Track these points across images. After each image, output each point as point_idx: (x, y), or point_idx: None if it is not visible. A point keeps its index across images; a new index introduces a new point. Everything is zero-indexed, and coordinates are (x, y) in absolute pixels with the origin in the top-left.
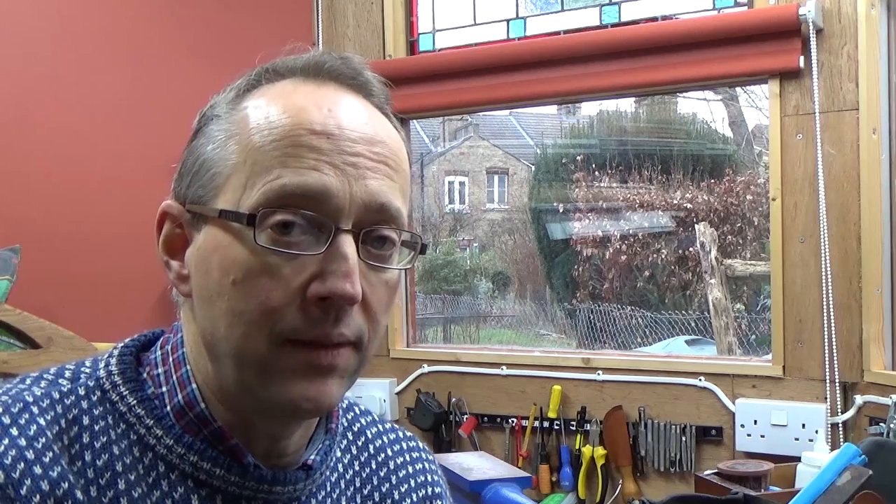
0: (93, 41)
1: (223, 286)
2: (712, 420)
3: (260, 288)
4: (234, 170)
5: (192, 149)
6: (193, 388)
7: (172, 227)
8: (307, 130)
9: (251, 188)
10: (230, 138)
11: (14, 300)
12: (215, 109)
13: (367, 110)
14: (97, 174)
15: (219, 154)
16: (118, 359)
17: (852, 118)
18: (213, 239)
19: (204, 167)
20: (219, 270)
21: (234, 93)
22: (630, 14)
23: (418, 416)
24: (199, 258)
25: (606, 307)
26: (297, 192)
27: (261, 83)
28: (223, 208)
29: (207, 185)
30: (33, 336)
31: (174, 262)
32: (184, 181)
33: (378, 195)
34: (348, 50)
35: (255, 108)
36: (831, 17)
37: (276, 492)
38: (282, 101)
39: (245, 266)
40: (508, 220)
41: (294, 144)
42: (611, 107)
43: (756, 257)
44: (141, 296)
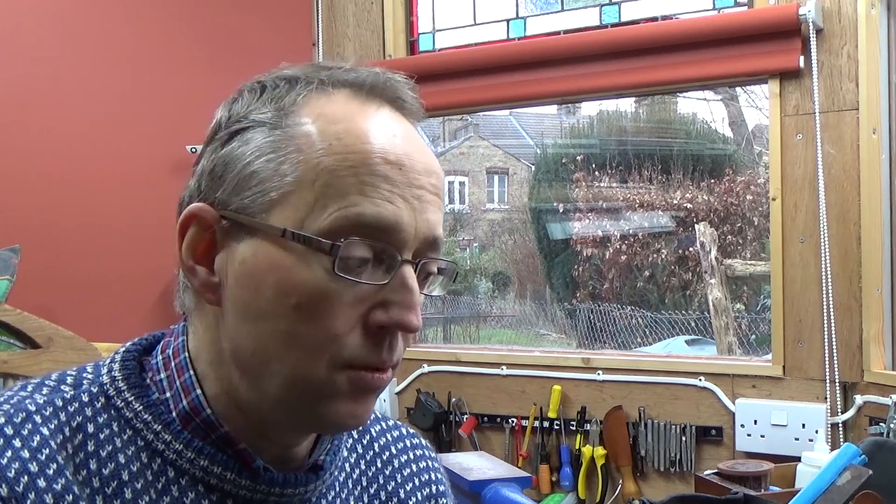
0: (93, 41)
1: (282, 307)
2: (712, 420)
3: (325, 314)
4: (295, 187)
5: (228, 152)
6: (198, 393)
7: (200, 232)
8: (382, 159)
9: (321, 210)
10: (289, 153)
11: (14, 300)
12: (256, 115)
13: (420, 137)
14: (97, 174)
15: (273, 167)
16: (121, 364)
17: (852, 118)
18: (269, 257)
19: (250, 177)
20: (276, 291)
21: (277, 99)
22: (630, 14)
23: (418, 416)
24: (245, 273)
25: (606, 307)
26: (373, 223)
27: (308, 93)
28: (286, 227)
29: (257, 197)
30: (33, 336)
31: (200, 268)
32: (215, 185)
33: (435, 228)
34: (348, 50)
35: (320, 127)
36: (831, 17)
37: (288, 494)
38: (351, 124)
39: (313, 291)
40: (508, 220)
41: (370, 173)
42: (611, 107)
43: (756, 257)
44: (141, 296)
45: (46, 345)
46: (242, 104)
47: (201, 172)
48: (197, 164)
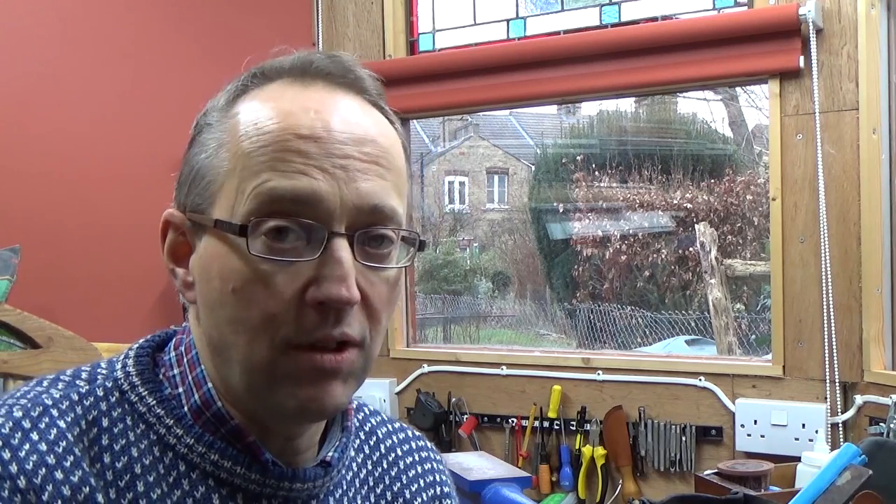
0: (93, 41)
1: (224, 294)
2: (712, 420)
3: (258, 295)
4: (226, 177)
5: (188, 157)
6: (209, 387)
7: (176, 236)
8: (294, 135)
9: (242, 194)
10: (222, 146)
11: (14, 300)
12: (207, 117)
13: (358, 108)
14: (97, 174)
15: (212, 162)
16: (135, 360)
17: (852, 118)
18: (212, 248)
19: (199, 175)
20: (219, 279)
21: (224, 99)
22: (630, 14)
23: (418, 416)
24: (201, 267)
25: (606, 307)
26: (287, 196)
27: (249, 87)
28: (218, 217)
29: (203, 193)
30: (33, 336)
31: (179, 269)
32: (182, 189)
33: (370, 196)
34: (348, 50)
35: (244, 115)
36: (831, 17)
37: (296, 489)
38: (269, 106)
39: (242, 275)
40: (508, 220)
41: (282, 150)
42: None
43: (756, 257)
44: (141, 296)
45: (46, 345)
46: (205, 108)
47: (177, 179)
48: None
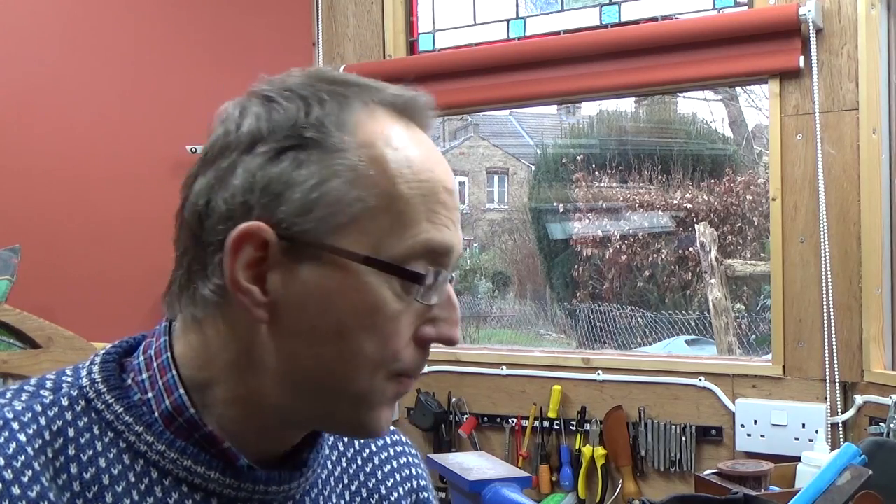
0: (93, 41)
1: (349, 329)
2: (712, 420)
3: (390, 333)
4: (369, 212)
5: (282, 172)
6: (181, 393)
7: (255, 252)
8: (443, 188)
9: (396, 237)
10: (362, 177)
11: (14, 300)
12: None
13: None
14: (97, 174)
15: (342, 192)
16: (101, 366)
17: (852, 118)
18: (338, 280)
19: (318, 201)
20: (345, 314)
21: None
22: (630, 14)
23: (418, 416)
24: (311, 295)
25: (606, 307)
26: (439, 248)
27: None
28: (366, 253)
29: (324, 219)
30: (33, 336)
31: (253, 287)
32: (275, 205)
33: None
34: (348, 50)
35: (387, 153)
36: (831, 17)
37: (272, 492)
38: (412, 151)
39: (384, 314)
40: (508, 220)
41: (436, 201)
42: (611, 107)
43: (756, 257)
44: (141, 296)
45: (46, 345)
46: (283, 116)
47: (247, 187)
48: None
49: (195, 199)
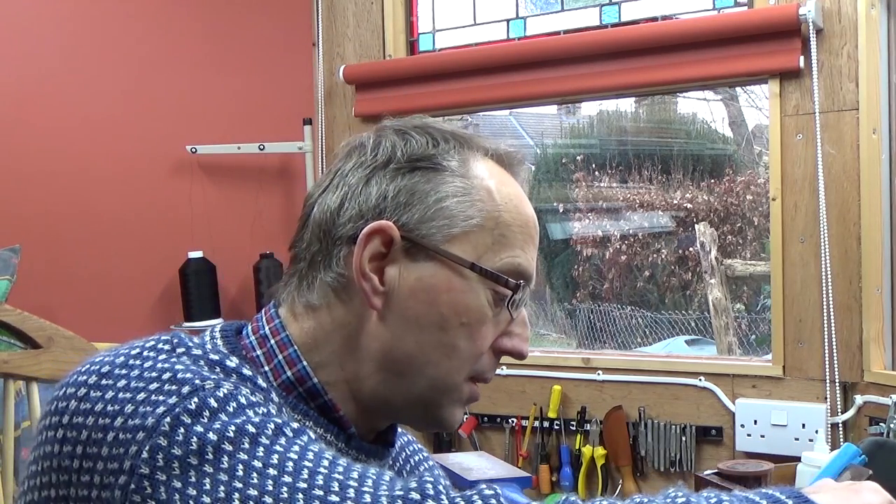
0: (93, 41)
1: (450, 323)
2: (712, 420)
3: (480, 334)
4: (477, 229)
5: (413, 185)
6: (304, 364)
7: (380, 245)
8: (533, 225)
9: (495, 254)
10: (475, 201)
11: (14, 300)
12: (442, 160)
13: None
14: (97, 174)
15: (461, 208)
16: (222, 340)
17: (852, 118)
18: (447, 280)
19: (440, 212)
20: (449, 308)
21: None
22: (630, 14)
23: None
24: (423, 289)
25: (606, 307)
26: (525, 272)
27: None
28: (475, 263)
29: (441, 228)
30: (33, 336)
31: (374, 276)
32: (404, 211)
33: None
34: (348, 50)
35: (496, 186)
36: (831, 17)
37: (372, 463)
38: (514, 190)
39: (478, 315)
40: None
41: (527, 234)
42: (611, 107)
43: (756, 257)
44: (141, 296)
45: (47, 345)
46: (417, 146)
47: (381, 194)
48: (355, 179)
49: (329, 203)
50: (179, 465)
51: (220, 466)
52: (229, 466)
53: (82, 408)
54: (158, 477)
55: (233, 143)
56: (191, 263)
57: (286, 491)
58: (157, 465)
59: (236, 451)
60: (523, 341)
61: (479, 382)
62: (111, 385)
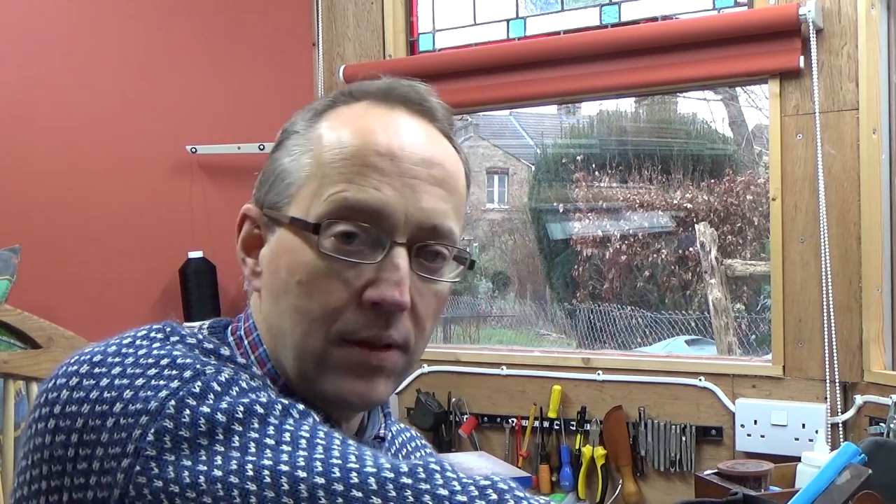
0: (93, 41)
1: (289, 285)
2: (712, 420)
3: (321, 289)
4: (306, 181)
5: (272, 160)
6: (271, 365)
7: (251, 228)
8: (373, 151)
9: (319, 198)
10: (305, 153)
11: (14, 300)
12: (295, 126)
13: (430, 134)
14: (97, 174)
15: (294, 166)
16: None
17: (852, 118)
18: (284, 242)
19: (280, 177)
20: (286, 271)
21: (312, 112)
22: (630, 14)
23: (418, 416)
24: (271, 258)
25: (606, 307)
26: (358, 206)
27: (336, 105)
28: (294, 215)
29: (283, 192)
30: (33, 336)
31: (249, 259)
32: (263, 188)
33: (431, 216)
34: (348, 50)
35: (329, 129)
36: (831, 17)
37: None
38: (354, 124)
39: (308, 268)
40: (508, 220)
41: (360, 163)
42: (611, 107)
43: (756, 257)
44: (141, 296)
45: (47, 345)
46: (293, 119)
47: (259, 178)
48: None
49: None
50: (189, 445)
51: (231, 445)
52: (241, 444)
53: (75, 396)
54: (166, 458)
55: (233, 143)
56: (191, 263)
57: (303, 460)
58: (165, 447)
59: (247, 431)
60: (389, 286)
61: (363, 346)
62: (105, 373)
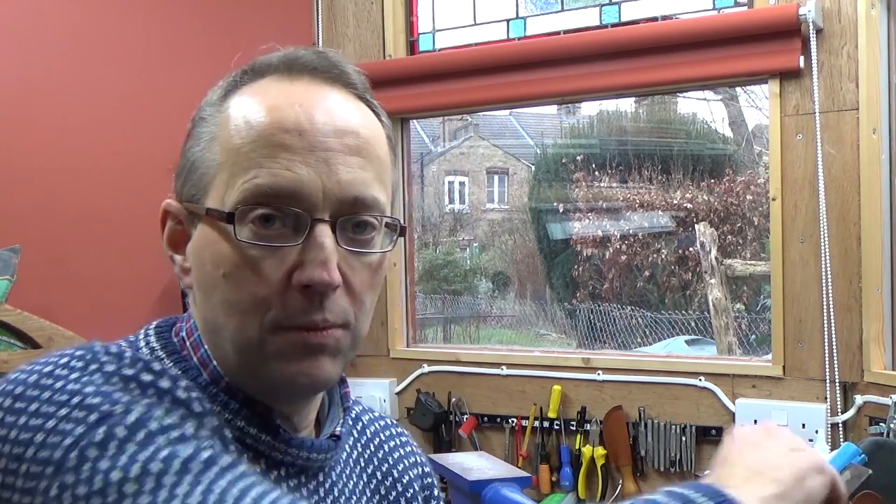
0: (93, 40)
1: (216, 279)
2: (712, 420)
3: (247, 280)
4: (218, 170)
5: (184, 150)
6: (214, 364)
7: (174, 224)
8: (279, 129)
9: (232, 187)
10: (214, 140)
11: (14, 300)
12: (202, 112)
13: (341, 100)
14: (97, 174)
15: (205, 155)
16: (157, 337)
17: (852, 118)
18: (205, 235)
19: (193, 168)
20: (211, 264)
21: (217, 95)
22: (630, 14)
23: (418, 416)
24: (196, 253)
25: (606, 307)
26: (271, 191)
27: (240, 83)
28: (209, 206)
29: (198, 184)
30: (33, 336)
31: (178, 256)
32: (179, 181)
33: (351, 187)
34: (348, 50)
35: (234, 110)
36: (831, 17)
37: (312, 458)
38: (257, 101)
39: (231, 260)
40: (508, 220)
41: (268, 144)
42: (611, 107)
43: (756, 257)
44: (141, 295)
45: (46, 345)
46: (200, 104)
47: (175, 171)
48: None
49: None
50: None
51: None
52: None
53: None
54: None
55: None
56: None
57: None
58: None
59: (138, 496)
60: (317, 266)
61: (301, 329)
62: (24, 409)
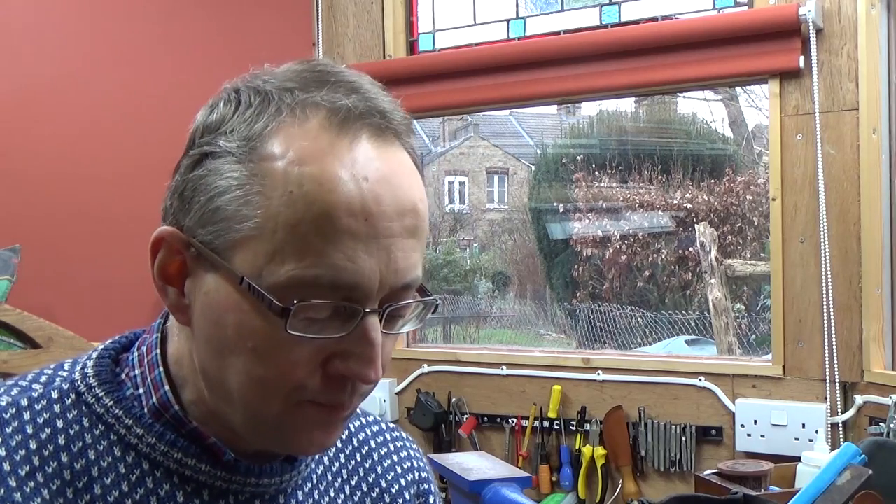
0: (93, 41)
1: (240, 348)
2: (712, 420)
3: (282, 361)
4: (256, 233)
5: (196, 178)
6: (166, 389)
7: (170, 254)
8: (346, 212)
9: (278, 265)
10: (252, 194)
11: (14, 300)
12: (226, 140)
13: (398, 167)
14: (97, 174)
15: (236, 207)
16: (95, 361)
17: (852, 118)
18: (229, 298)
19: (216, 213)
20: (235, 331)
21: (249, 125)
22: (630, 14)
23: (418, 416)
24: (209, 306)
25: (606, 307)
26: (329, 284)
27: (282, 115)
28: (245, 276)
29: (220, 233)
30: (33, 336)
31: (171, 288)
32: (186, 211)
33: (406, 274)
34: (348, 50)
35: (285, 167)
36: (831, 17)
37: (263, 484)
38: (317, 167)
39: (266, 340)
40: (508, 220)
41: (332, 230)
42: (611, 107)
43: (756, 257)
44: (141, 296)
45: (46, 345)
46: (217, 117)
47: (174, 189)
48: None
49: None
50: None
51: None
52: None
53: None
54: None
55: None
56: None
57: None
58: None
59: None
60: (361, 363)
61: (327, 406)
62: None
